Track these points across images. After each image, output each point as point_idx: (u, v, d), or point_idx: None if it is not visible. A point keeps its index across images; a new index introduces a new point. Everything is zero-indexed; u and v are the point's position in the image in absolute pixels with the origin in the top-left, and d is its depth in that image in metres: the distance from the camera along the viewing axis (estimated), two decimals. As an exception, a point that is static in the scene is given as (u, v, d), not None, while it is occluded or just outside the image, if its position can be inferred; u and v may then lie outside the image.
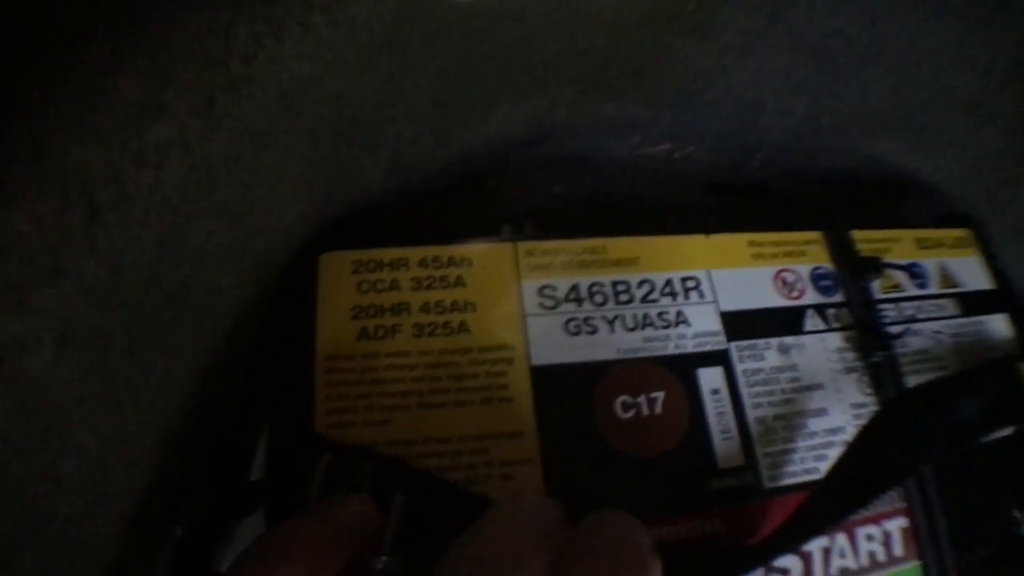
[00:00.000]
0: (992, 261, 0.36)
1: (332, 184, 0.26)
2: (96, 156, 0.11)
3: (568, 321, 0.28)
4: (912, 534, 0.28)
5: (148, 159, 0.13)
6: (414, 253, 0.28)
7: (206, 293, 0.20)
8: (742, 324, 0.29)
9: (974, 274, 0.35)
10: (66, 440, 0.15)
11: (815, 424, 0.29)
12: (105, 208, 0.12)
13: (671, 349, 0.28)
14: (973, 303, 0.34)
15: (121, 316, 0.14)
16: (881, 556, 0.28)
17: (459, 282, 0.28)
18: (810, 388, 0.29)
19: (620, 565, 0.19)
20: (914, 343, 0.32)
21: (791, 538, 0.25)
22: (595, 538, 0.20)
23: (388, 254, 0.28)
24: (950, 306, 0.34)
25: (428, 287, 0.27)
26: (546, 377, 0.27)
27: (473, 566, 0.19)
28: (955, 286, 0.34)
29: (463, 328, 0.27)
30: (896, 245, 0.34)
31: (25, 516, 0.15)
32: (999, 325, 0.34)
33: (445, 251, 0.28)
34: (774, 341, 0.29)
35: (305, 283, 0.26)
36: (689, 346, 0.28)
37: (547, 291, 0.28)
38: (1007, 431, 0.31)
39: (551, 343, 0.27)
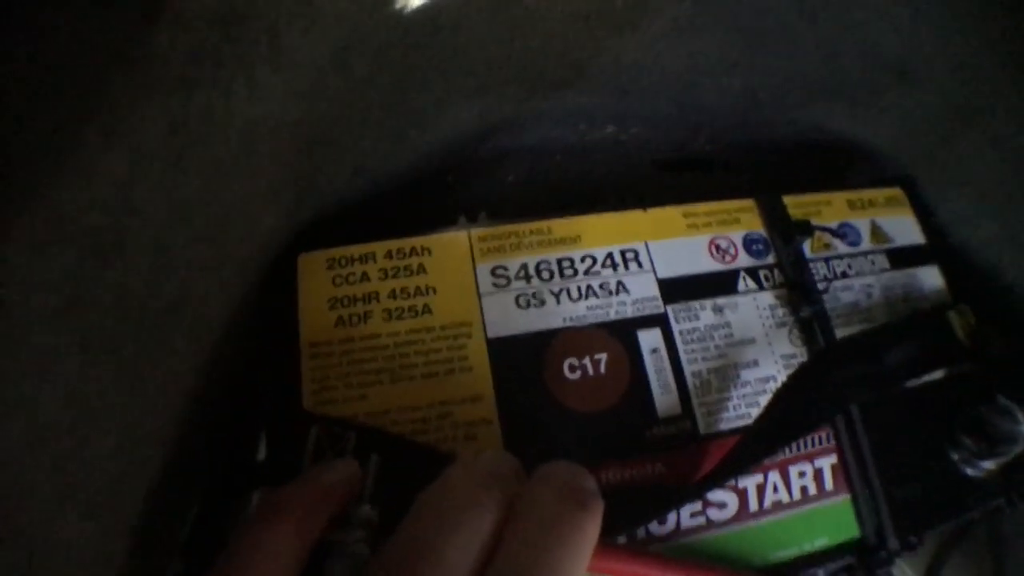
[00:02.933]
0: (925, 216, 0.40)
1: (301, 194, 0.30)
2: (97, 215, 0.16)
3: (519, 296, 0.33)
4: (842, 471, 0.33)
5: (137, 208, 0.17)
6: (380, 247, 0.33)
7: (197, 301, 0.25)
8: (678, 289, 0.34)
9: (906, 231, 0.39)
10: (94, 424, 0.20)
11: (747, 375, 0.33)
12: (108, 250, 0.17)
13: (612, 315, 0.33)
14: (904, 257, 0.38)
15: (128, 327, 0.19)
16: (812, 490, 0.32)
17: (421, 269, 0.33)
18: (743, 343, 0.34)
19: (564, 506, 0.24)
20: (845, 297, 0.36)
21: (723, 474, 0.30)
22: (543, 483, 0.25)
23: (357, 249, 0.33)
24: (881, 261, 0.38)
25: (394, 276, 0.32)
26: (501, 347, 0.32)
27: (437, 510, 0.24)
28: (886, 242, 0.38)
29: (426, 310, 0.32)
30: (827, 208, 0.38)
31: (62, 489, 0.20)
32: (930, 276, 0.38)
33: (407, 243, 0.33)
34: (708, 302, 0.34)
35: (286, 281, 0.32)
36: (629, 312, 0.33)
37: (499, 271, 0.33)
38: (938, 374, 0.36)
39: (504, 317, 0.32)
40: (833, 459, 0.33)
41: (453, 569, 0.22)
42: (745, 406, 0.33)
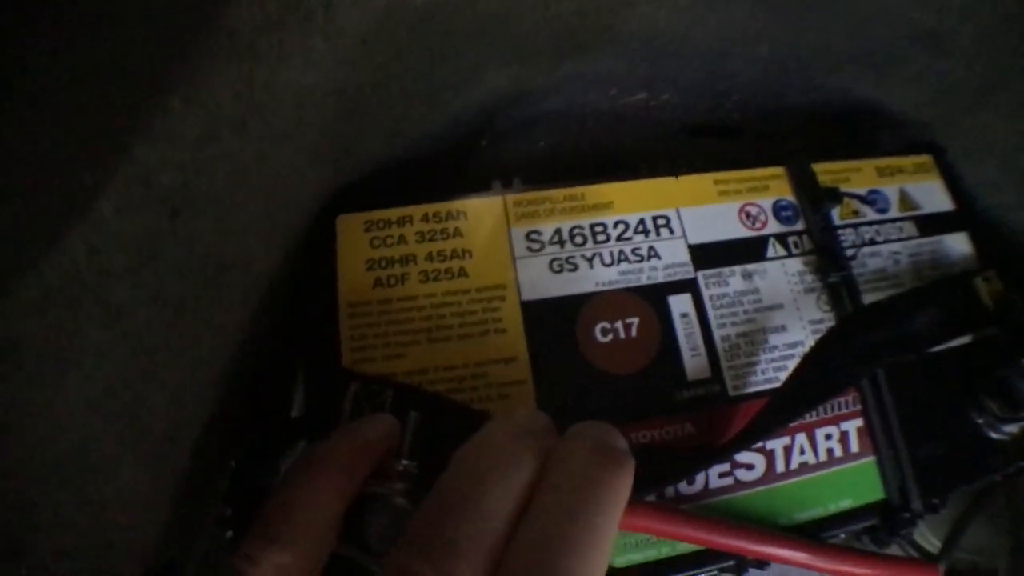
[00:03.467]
0: (953, 183, 0.40)
1: (341, 157, 0.31)
2: (172, 174, 0.17)
3: (552, 261, 0.33)
4: (867, 433, 0.34)
5: (204, 169, 0.18)
6: (417, 210, 0.34)
7: (247, 259, 0.26)
8: (708, 255, 0.35)
9: (935, 197, 0.40)
10: (154, 376, 0.22)
11: (776, 339, 0.34)
12: (180, 209, 0.18)
13: (644, 280, 0.34)
14: (933, 224, 0.39)
15: (191, 283, 0.20)
16: (838, 452, 0.33)
17: (457, 233, 0.33)
18: (771, 308, 0.35)
19: (596, 463, 0.25)
20: (873, 264, 0.37)
21: (751, 437, 0.31)
22: (576, 441, 0.26)
23: (395, 213, 0.34)
24: (909, 228, 0.38)
25: (431, 239, 0.33)
26: (535, 310, 0.33)
27: (474, 464, 0.25)
28: (915, 209, 0.39)
29: (462, 272, 0.33)
30: (856, 175, 0.39)
31: (124, 438, 0.21)
32: (958, 243, 0.39)
33: (444, 207, 0.34)
34: (738, 268, 0.35)
35: (326, 243, 0.33)
36: (660, 277, 0.34)
37: (533, 236, 0.34)
38: (964, 339, 0.37)
39: (538, 281, 0.33)
40: (859, 422, 0.34)
41: (490, 519, 0.23)
42: (773, 370, 0.34)
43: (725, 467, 0.32)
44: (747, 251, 0.35)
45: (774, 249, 0.36)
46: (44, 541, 0.18)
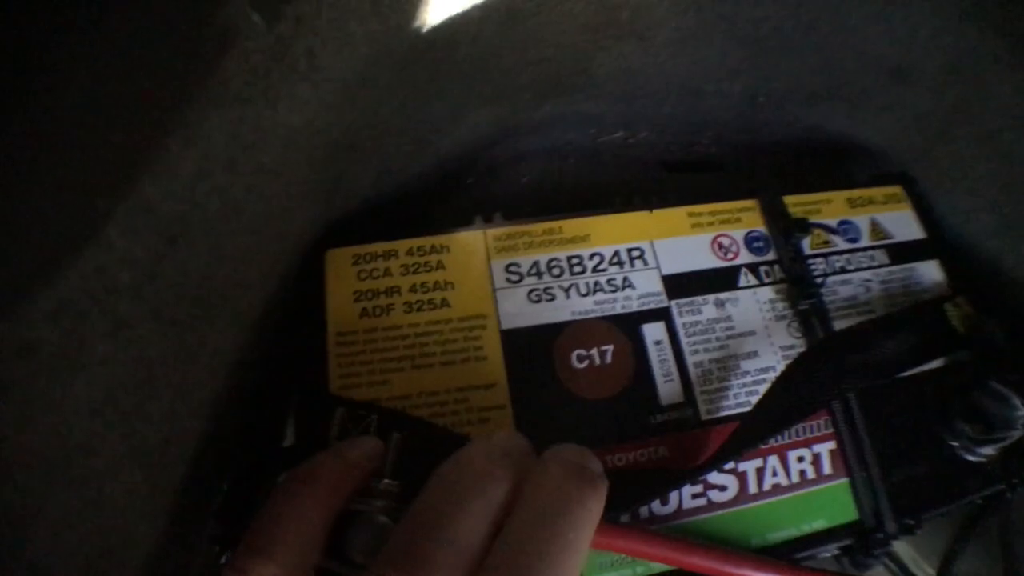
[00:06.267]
0: (924, 213, 0.43)
1: (331, 194, 0.35)
2: (172, 204, 0.20)
3: (531, 291, 0.37)
4: (840, 455, 0.36)
5: (199, 202, 0.22)
6: (402, 245, 0.37)
7: (241, 287, 0.29)
8: (682, 284, 0.38)
9: (905, 226, 0.43)
10: (153, 387, 0.25)
11: (747, 365, 0.37)
12: (179, 237, 0.21)
13: (619, 309, 0.37)
14: (903, 252, 0.42)
15: (187, 303, 0.23)
16: (811, 474, 0.36)
17: (440, 266, 0.37)
18: (743, 335, 0.37)
19: (570, 482, 0.27)
20: (843, 291, 0.40)
21: (723, 457, 0.34)
22: (551, 462, 0.28)
23: (381, 247, 0.37)
24: (880, 256, 0.41)
25: (415, 271, 0.36)
26: (514, 338, 0.35)
27: (452, 482, 0.28)
28: (886, 238, 0.42)
29: (444, 303, 0.36)
30: (827, 206, 0.42)
31: (125, 443, 0.24)
32: (929, 270, 0.42)
33: (427, 241, 0.37)
34: (711, 297, 0.38)
35: (315, 275, 0.36)
36: (634, 306, 0.37)
37: (512, 268, 0.37)
38: (935, 363, 0.39)
39: (517, 310, 0.36)
40: (831, 445, 0.36)
41: (466, 535, 0.25)
42: (745, 395, 0.36)
43: (698, 488, 0.34)
44: (719, 280, 0.38)
45: (746, 278, 0.39)
46: (44, 538, 0.21)
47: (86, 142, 0.17)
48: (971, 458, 0.38)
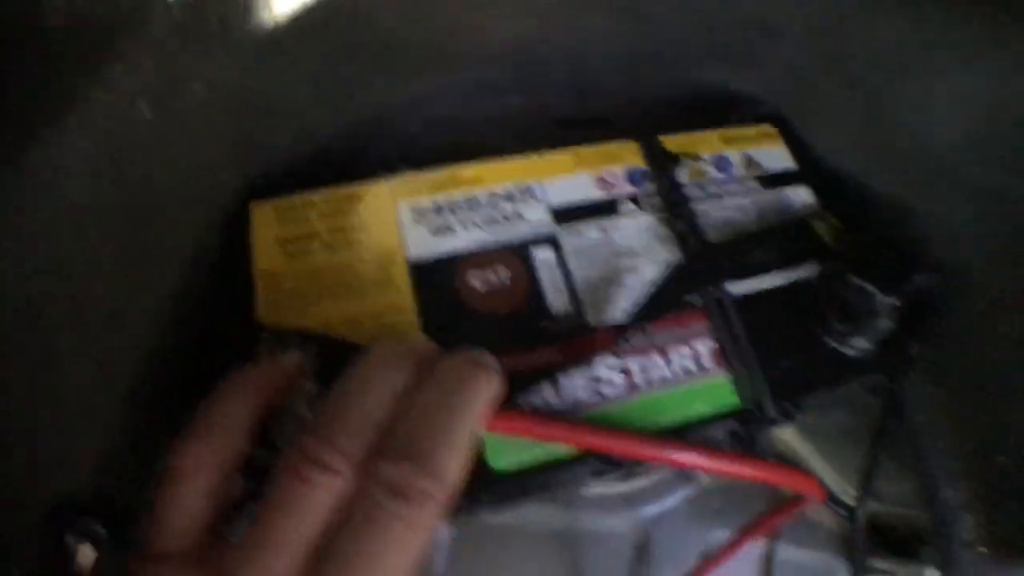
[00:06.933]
0: (797, 148, 0.49)
1: (253, 152, 0.40)
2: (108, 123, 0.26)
3: (433, 227, 0.42)
4: (720, 352, 0.41)
5: (125, 158, 0.28)
6: (319, 195, 0.42)
7: (171, 226, 0.35)
8: (568, 214, 0.43)
9: (777, 159, 0.48)
10: (101, 266, 0.30)
11: (631, 280, 0.42)
12: (117, 180, 0.27)
13: (512, 237, 0.42)
14: (775, 181, 0.47)
15: (130, 222, 0.29)
16: (694, 368, 0.41)
17: (353, 211, 0.42)
18: (625, 254, 0.43)
19: (466, 367, 0.32)
20: (718, 215, 0.45)
21: (607, 348, 0.39)
22: (452, 357, 0.34)
23: (300, 198, 0.42)
24: (753, 184, 0.47)
25: (331, 216, 0.42)
26: (420, 267, 0.41)
27: (361, 372, 0.33)
28: (758, 170, 0.47)
29: (358, 242, 0.41)
30: (704, 144, 0.47)
31: (71, 312, 0.29)
32: (799, 195, 0.47)
33: (341, 191, 0.43)
34: (593, 223, 0.43)
35: (242, 225, 0.41)
36: (526, 234, 0.42)
37: (417, 208, 0.42)
38: (807, 272, 0.44)
39: (422, 244, 0.41)
40: (711, 344, 0.41)
41: (371, 413, 0.30)
42: (629, 303, 0.41)
43: (590, 385, 0.39)
44: (602, 209, 0.44)
45: (627, 207, 0.44)
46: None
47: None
48: (849, 352, 0.43)
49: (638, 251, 0.43)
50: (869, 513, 0.57)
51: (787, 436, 0.55)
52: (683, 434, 0.39)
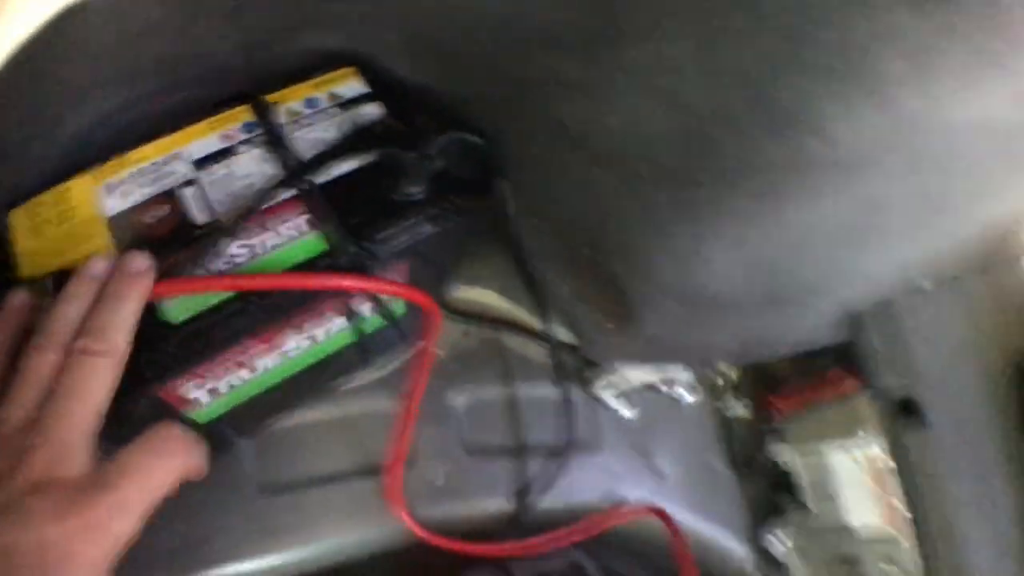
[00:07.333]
0: (368, 77, 0.73)
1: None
2: None
3: (120, 192, 0.67)
4: (310, 221, 0.65)
5: None
6: (49, 192, 0.67)
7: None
8: (203, 163, 0.67)
9: (354, 89, 0.72)
10: None
11: (249, 191, 0.66)
12: None
13: (169, 184, 0.66)
14: (352, 103, 0.71)
15: None
16: (295, 234, 0.65)
17: (70, 195, 0.67)
18: (248, 176, 0.67)
19: (125, 267, 0.57)
20: (311, 137, 0.69)
21: (230, 231, 0.63)
22: (119, 260, 0.58)
23: (44, 197, 0.67)
24: (335, 111, 0.70)
25: (55, 204, 0.67)
26: (114, 220, 0.65)
27: (67, 288, 0.58)
28: (340, 100, 0.71)
29: (74, 215, 0.66)
30: (299, 92, 0.71)
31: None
32: (371, 109, 0.71)
33: (63, 185, 0.67)
34: (220, 163, 0.67)
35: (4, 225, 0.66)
36: (178, 180, 0.67)
37: (109, 184, 0.67)
38: (370, 157, 0.68)
39: (114, 205, 0.66)
40: (307, 216, 0.65)
41: (70, 312, 0.56)
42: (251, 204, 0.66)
43: (229, 259, 0.64)
44: (226, 153, 0.68)
45: (242, 148, 0.68)
46: None
47: None
48: (412, 198, 0.67)
49: (254, 173, 0.67)
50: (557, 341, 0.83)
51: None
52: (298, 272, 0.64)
